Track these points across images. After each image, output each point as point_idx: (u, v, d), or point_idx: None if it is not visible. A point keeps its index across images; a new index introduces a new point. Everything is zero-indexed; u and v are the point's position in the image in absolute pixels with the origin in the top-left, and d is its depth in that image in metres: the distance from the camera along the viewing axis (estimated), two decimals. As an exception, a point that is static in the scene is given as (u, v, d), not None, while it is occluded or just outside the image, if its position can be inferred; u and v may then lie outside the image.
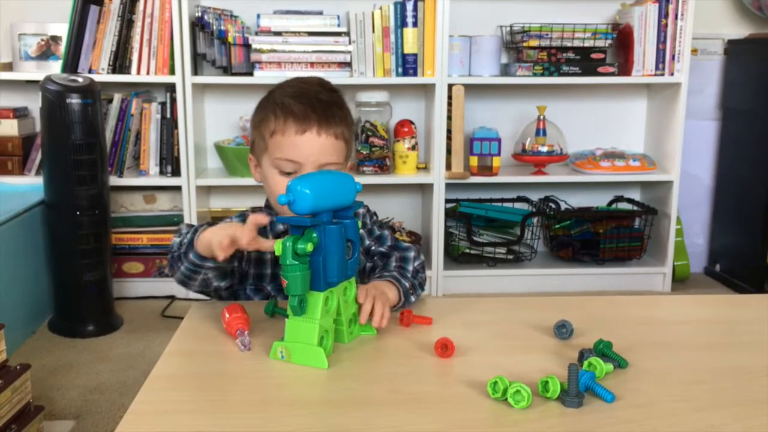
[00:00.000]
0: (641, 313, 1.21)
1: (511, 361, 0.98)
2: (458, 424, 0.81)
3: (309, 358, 0.95)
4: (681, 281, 3.21)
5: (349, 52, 2.81)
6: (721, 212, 3.29)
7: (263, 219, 1.04)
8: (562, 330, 1.06)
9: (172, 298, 2.90)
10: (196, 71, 2.83)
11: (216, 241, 1.05)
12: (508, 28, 3.00)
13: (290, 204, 0.93)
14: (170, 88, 2.84)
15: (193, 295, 2.89)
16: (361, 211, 1.33)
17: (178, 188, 2.88)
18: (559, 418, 0.83)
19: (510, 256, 3.08)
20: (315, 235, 0.94)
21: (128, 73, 2.81)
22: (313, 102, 1.19)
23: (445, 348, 0.99)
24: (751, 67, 3.04)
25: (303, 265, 0.94)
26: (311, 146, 1.18)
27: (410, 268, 1.25)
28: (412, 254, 1.28)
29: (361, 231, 1.30)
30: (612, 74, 2.94)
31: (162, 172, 2.89)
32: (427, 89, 3.00)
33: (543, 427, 0.81)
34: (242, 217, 1.25)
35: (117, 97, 2.84)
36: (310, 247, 0.93)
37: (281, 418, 0.83)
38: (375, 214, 1.38)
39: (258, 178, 1.28)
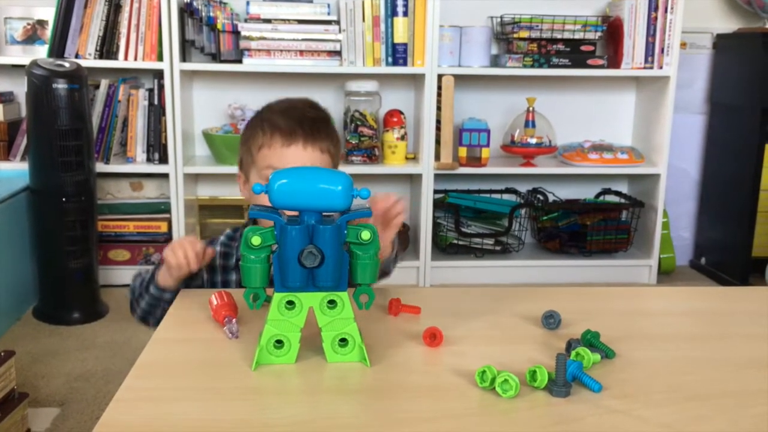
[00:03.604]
0: (629, 305, 1.22)
1: (500, 350, 0.98)
2: (446, 413, 0.81)
3: (255, 353, 0.93)
4: (666, 274, 3.24)
5: (339, 40, 2.80)
6: (707, 206, 3.31)
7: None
8: (550, 320, 1.06)
9: (159, 286, 2.88)
10: (184, 58, 2.81)
11: (168, 258, 1.17)
12: (499, 19, 3.00)
13: (265, 193, 0.91)
14: (158, 74, 2.81)
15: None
16: None
17: (165, 176, 2.86)
18: (546, 408, 0.83)
19: (498, 248, 3.09)
20: (275, 232, 0.90)
21: (116, 58, 2.78)
22: (300, 118, 1.23)
23: (433, 337, 0.99)
24: (739, 62, 3.06)
25: (256, 258, 0.90)
26: (296, 159, 1.21)
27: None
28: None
29: None
30: (601, 67, 2.94)
31: (149, 160, 2.87)
32: (417, 79, 2.99)
33: (531, 416, 0.81)
34: (212, 241, 1.34)
35: (104, 83, 2.81)
36: (256, 240, 0.89)
37: (269, 405, 0.83)
38: None
39: (246, 195, 1.31)
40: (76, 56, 2.75)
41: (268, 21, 2.78)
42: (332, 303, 0.93)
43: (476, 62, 2.94)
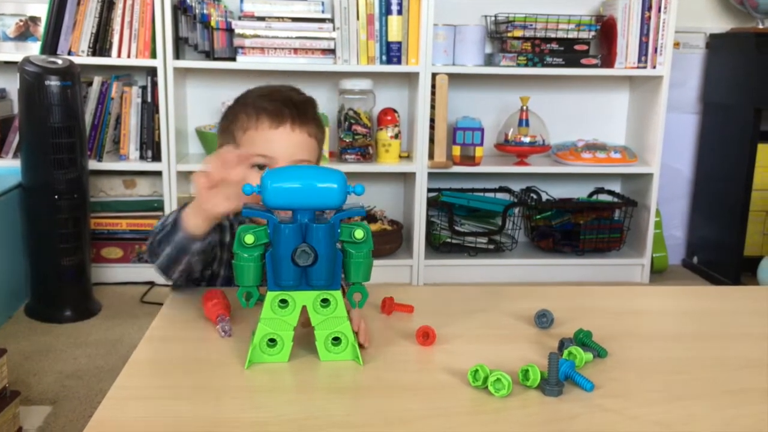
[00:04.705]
0: (621, 304, 1.22)
1: (492, 349, 0.99)
2: (439, 412, 0.81)
3: (248, 352, 0.92)
4: (659, 273, 3.25)
5: (333, 38, 2.80)
6: (699, 205, 3.32)
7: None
8: (543, 319, 1.06)
9: (152, 283, 2.88)
10: (177, 55, 2.80)
11: (198, 197, 1.01)
12: (493, 18, 3.00)
13: (259, 194, 0.90)
14: (151, 71, 2.81)
15: (172, 281, 2.89)
16: None
17: (158, 173, 2.85)
18: (538, 407, 0.83)
19: (491, 246, 3.09)
20: (268, 231, 0.90)
21: (108, 55, 2.77)
22: (286, 101, 1.20)
23: (426, 336, 0.99)
24: (732, 62, 3.07)
25: (250, 256, 0.90)
26: (285, 141, 1.18)
27: None
28: None
29: None
30: (595, 66, 2.95)
31: (142, 157, 2.86)
32: (411, 78, 2.99)
33: (523, 415, 0.81)
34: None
35: (97, 80, 2.80)
36: (249, 238, 0.89)
37: (261, 404, 0.83)
38: None
39: None
40: (69, 53, 2.74)
41: (262, 19, 2.77)
42: (325, 302, 0.93)
43: (470, 61, 2.94)
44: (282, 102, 1.19)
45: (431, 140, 2.91)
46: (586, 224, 3.10)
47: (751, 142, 2.94)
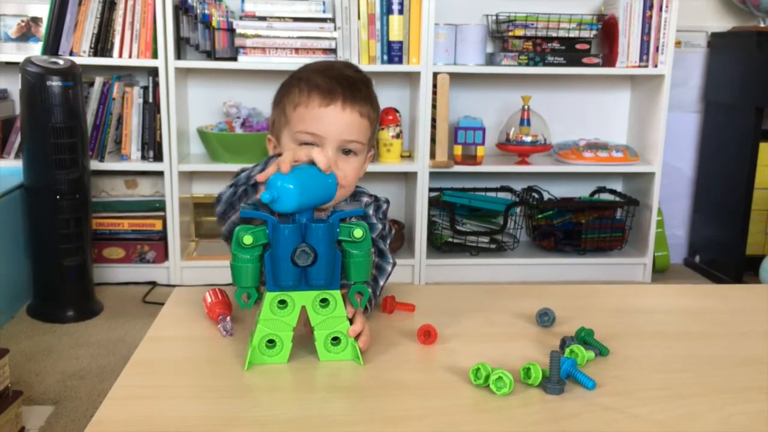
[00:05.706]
0: (623, 302, 1.22)
1: (494, 348, 0.99)
2: (440, 411, 0.81)
3: (247, 354, 0.92)
4: (661, 272, 3.24)
5: (334, 38, 2.80)
6: (701, 204, 3.32)
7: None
8: (545, 318, 1.06)
9: (153, 284, 2.88)
10: (179, 55, 2.80)
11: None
12: (494, 17, 3.00)
13: (273, 202, 0.88)
14: (153, 72, 2.81)
15: (174, 280, 2.89)
16: (365, 199, 1.24)
17: (160, 173, 2.85)
18: (540, 405, 0.83)
19: (493, 246, 3.09)
20: (267, 231, 0.89)
21: (110, 56, 2.78)
22: (339, 78, 1.15)
23: (427, 335, 0.99)
24: (733, 61, 3.06)
25: (248, 257, 0.89)
26: (335, 120, 1.12)
27: (381, 283, 1.15)
28: (389, 268, 1.17)
29: None
30: (596, 65, 2.95)
31: (144, 157, 2.86)
32: (412, 77, 2.99)
33: (524, 414, 0.81)
34: (264, 165, 1.11)
35: (98, 81, 2.80)
36: (248, 239, 0.88)
37: (261, 403, 0.83)
38: (381, 207, 1.25)
39: None
40: (71, 54, 2.75)
41: (263, 18, 2.77)
42: (324, 301, 0.92)
43: (471, 60, 2.94)
44: (335, 79, 1.14)
45: (432, 140, 2.91)
46: (587, 223, 3.09)
47: (752, 141, 2.93)
